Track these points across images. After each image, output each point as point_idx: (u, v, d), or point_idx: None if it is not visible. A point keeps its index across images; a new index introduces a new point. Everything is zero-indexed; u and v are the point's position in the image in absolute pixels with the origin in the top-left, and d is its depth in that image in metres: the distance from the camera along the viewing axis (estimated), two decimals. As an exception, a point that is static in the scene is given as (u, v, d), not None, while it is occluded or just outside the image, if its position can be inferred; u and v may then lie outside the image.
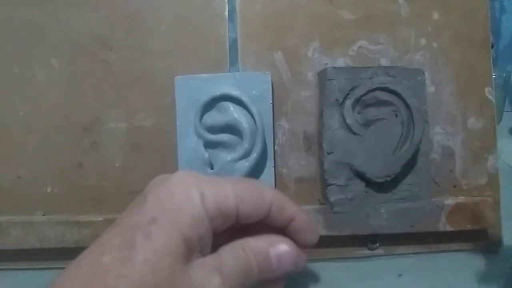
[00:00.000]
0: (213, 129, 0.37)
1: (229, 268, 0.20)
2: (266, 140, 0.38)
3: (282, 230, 0.24)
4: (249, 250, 0.21)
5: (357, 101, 0.37)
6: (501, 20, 0.75)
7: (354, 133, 0.37)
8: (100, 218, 0.38)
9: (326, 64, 0.40)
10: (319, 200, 0.39)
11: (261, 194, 0.22)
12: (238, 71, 0.40)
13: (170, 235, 0.19)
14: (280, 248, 0.22)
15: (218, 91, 0.37)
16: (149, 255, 0.18)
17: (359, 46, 0.40)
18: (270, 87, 0.38)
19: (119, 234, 0.19)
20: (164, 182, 0.21)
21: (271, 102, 0.38)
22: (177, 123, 0.38)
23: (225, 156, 0.37)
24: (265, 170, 0.38)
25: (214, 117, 0.37)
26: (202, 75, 0.38)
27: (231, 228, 0.22)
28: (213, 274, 0.20)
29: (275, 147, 0.39)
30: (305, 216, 0.24)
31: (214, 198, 0.21)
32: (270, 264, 0.22)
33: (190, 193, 0.20)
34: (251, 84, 0.38)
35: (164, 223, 0.19)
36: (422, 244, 0.40)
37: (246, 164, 0.36)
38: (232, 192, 0.21)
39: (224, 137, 0.37)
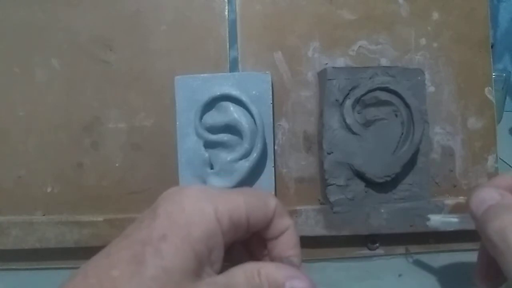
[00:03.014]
0: (213, 129, 0.37)
1: None
2: (266, 140, 0.38)
3: (266, 242, 0.24)
4: (265, 277, 0.21)
5: (357, 101, 0.37)
6: (498, 8, 0.76)
7: (354, 133, 0.37)
8: (100, 218, 0.38)
9: (326, 64, 0.40)
10: (319, 200, 0.39)
11: (267, 201, 0.23)
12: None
13: (180, 251, 0.19)
14: (297, 283, 0.21)
15: (218, 91, 0.37)
16: (158, 272, 0.18)
17: (359, 46, 0.40)
18: (270, 87, 0.38)
19: (128, 248, 0.19)
20: (176, 197, 0.21)
21: (271, 102, 0.38)
22: (177, 123, 0.38)
23: (225, 156, 0.37)
24: (265, 170, 0.38)
25: (214, 117, 0.37)
26: (202, 75, 0.38)
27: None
28: None
29: (275, 147, 0.39)
30: (297, 232, 0.24)
31: (227, 211, 0.21)
32: None
33: (203, 207, 0.20)
34: (251, 84, 0.38)
35: (175, 239, 0.19)
36: (422, 244, 0.40)
37: (246, 164, 0.36)
38: (244, 203, 0.21)
39: (224, 137, 0.37)
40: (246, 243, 0.25)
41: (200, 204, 0.20)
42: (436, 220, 0.30)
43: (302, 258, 0.24)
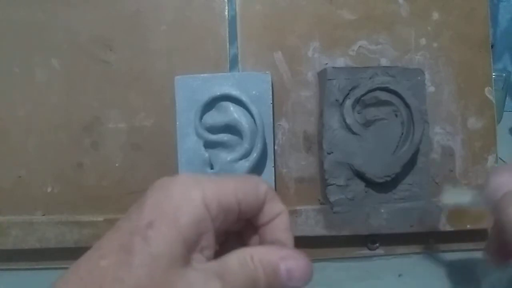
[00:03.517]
0: (213, 129, 0.37)
1: (233, 276, 0.20)
2: (266, 140, 0.38)
3: (258, 228, 0.24)
4: (258, 261, 0.21)
5: (357, 101, 0.37)
6: (498, 8, 0.76)
7: (354, 133, 0.37)
8: (100, 218, 0.38)
9: (326, 64, 0.40)
10: (319, 200, 0.39)
11: (257, 185, 0.22)
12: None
13: (168, 237, 0.19)
14: (292, 262, 0.21)
15: (218, 91, 0.37)
16: (146, 259, 0.18)
17: (359, 46, 0.40)
18: (270, 87, 0.38)
19: (117, 239, 0.19)
20: (164, 186, 0.21)
21: (271, 102, 0.38)
22: (177, 123, 0.38)
23: (225, 156, 0.37)
24: (265, 170, 0.38)
25: (214, 117, 0.37)
26: (202, 75, 0.38)
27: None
28: (214, 279, 0.19)
29: (275, 147, 0.39)
30: (288, 216, 0.24)
31: (216, 196, 0.21)
32: (279, 278, 0.21)
33: (190, 193, 0.20)
34: (251, 84, 0.38)
35: (162, 226, 0.19)
36: (422, 244, 0.40)
37: (246, 164, 0.36)
38: (233, 188, 0.21)
39: (224, 137, 0.37)
40: (240, 236, 0.25)
41: (188, 191, 0.20)
42: (450, 193, 0.29)
43: (293, 242, 0.23)
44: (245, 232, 0.25)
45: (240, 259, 0.21)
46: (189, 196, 0.20)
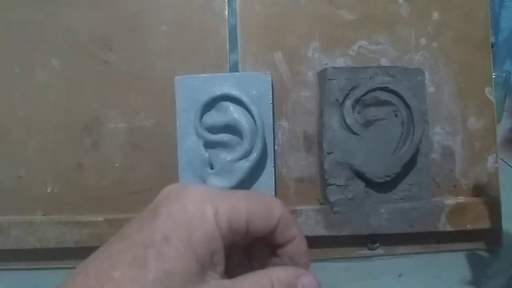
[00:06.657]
0: (213, 129, 0.37)
1: None
2: (266, 140, 0.38)
3: (274, 249, 0.24)
4: (278, 284, 0.21)
5: (357, 101, 0.37)
6: (500, 14, 0.76)
7: (354, 133, 0.37)
8: (100, 218, 0.38)
9: (326, 64, 0.40)
10: (319, 200, 0.39)
11: (271, 210, 0.22)
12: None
13: (182, 254, 0.19)
14: (305, 279, 0.22)
15: (218, 91, 0.37)
16: (160, 275, 0.18)
17: (359, 46, 0.40)
18: (270, 87, 0.38)
19: (129, 250, 0.19)
20: (178, 197, 0.21)
21: (271, 102, 0.38)
22: (177, 123, 0.38)
23: (225, 156, 0.37)
24: (265, 170, 0.38)
25: (214, 117, 0.37)
26: (202, 75, 0.38)
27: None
28: None
29: (275, 147, 0.39)
30: (305, 241, 0.24)
31: (227, 215, 0.20)
32: None
33: (204, 209, 0.20)
34: (251, 84, 0.38)
35: (177, 242, 0.19)
36: (422, 244, 0.40)
37: (246, 164, 0.36)
38: (245, 208, 0.21)
39: (224, 137, 0.37)
40: (247, 248, 0.25)
41: (202, 205, 0.20)
42: None
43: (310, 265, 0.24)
44: (254, 245, 0.25)
45: (258, 284, 0.21)
46: (203, 211, 0.20)
